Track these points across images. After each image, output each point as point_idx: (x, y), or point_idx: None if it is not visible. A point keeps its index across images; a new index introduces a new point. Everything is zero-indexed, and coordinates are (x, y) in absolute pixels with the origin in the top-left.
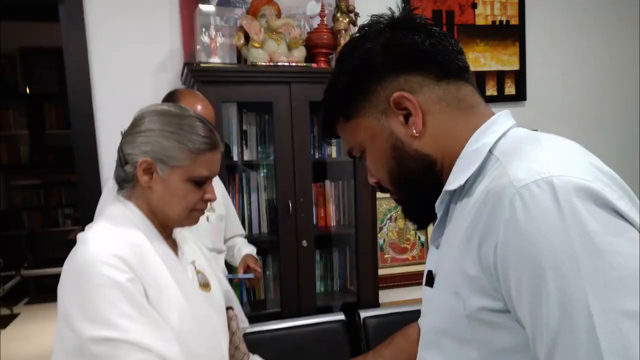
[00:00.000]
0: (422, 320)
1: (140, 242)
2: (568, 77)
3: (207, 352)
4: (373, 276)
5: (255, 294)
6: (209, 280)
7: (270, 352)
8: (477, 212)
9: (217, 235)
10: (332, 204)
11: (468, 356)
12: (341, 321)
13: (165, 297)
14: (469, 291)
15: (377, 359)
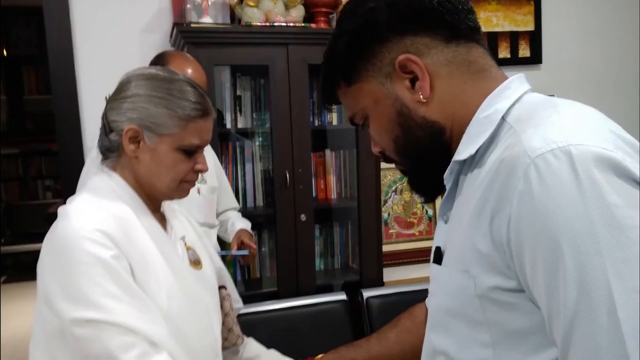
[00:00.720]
0: (430, 301)
1: (125, 215)
2: (587, 39)
3: (198, 334)
4: (377, 253)
5: (249, 272)
6: (200, 257)
7: (266, 335)
8: (488, 183)
9: (209, 208)
10: (333, 175)
11: (479, 339)
12: (342, 301)
13: (152, 275)
14: (480, 269)
15: (382, 341)
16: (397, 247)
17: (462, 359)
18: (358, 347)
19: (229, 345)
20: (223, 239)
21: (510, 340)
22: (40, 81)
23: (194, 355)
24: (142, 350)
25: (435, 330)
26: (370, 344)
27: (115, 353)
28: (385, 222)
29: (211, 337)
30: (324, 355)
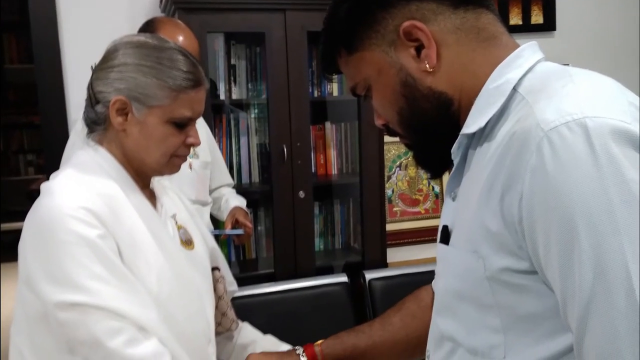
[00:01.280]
0: (437, 283)
1: (113, 192)
2: (603, 4)
3: (190, 319)
4: (380, 232)
5: (245, 252)
6: (192, 237)
7: (262, 319)
8: (499, 158)
9: (202, 185)
10: (334, 149)
11: (489, 323)
12: (343, 284)
13: (141, 256)
14: (490, 249)
15: (385, 326)
16: (402, 226)
17: (470, 345)
18: (360, 333)
19: (222, 330)
20: (216, 217)
21: (522, 325)
22: (22, 49)
23: (185, 340)
24: (130, 336)
25: (442, 315)
26: (373, 329)
27: (102, 339)
28: (389, 199)
29: (204, 322)
30: (324, 341)
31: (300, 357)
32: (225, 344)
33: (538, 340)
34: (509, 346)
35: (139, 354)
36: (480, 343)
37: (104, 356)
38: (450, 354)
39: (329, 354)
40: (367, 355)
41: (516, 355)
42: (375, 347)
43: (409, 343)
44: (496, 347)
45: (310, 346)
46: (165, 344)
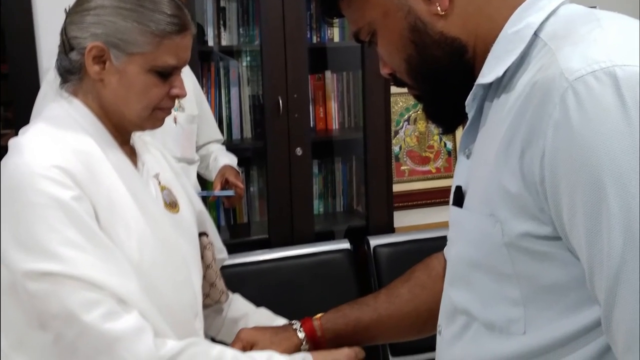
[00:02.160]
0: (449, 250)
1: (88, 149)
2: None
3: (175, 290)
4: (386, 194)
5: (235, 216)
6: (177, 199)
7: (255, 291)
8: (518, 111)
9: (188, 141)
10: (334, 101)
11: (507, 295)
12: (345, 251)
13: (121, 220)
14: (509, 212)
15: (392, 298)
16: (411, 186)
17: (487, 319)
18: (364, 306)
19: (211, 302)
20: (204, 177)
21: (544, 297)
22: None
23: (169, 314)
24: (108, 309)
25: (455, 286)
26: (379, 302)
27: (76, 312)
28: (397, 157)
29: (190, 293)
30: (324, 315)
31: (297, 332)
32: (213, 317)
33: (562, 313)
34: (530, 320)
35: (118, 328)
36: (498, 317)
37: (79, 332)
38: (464, 329)
39: (330, 328)
40: (372, 330)
41: (537, 330)
42: (381, 321)
43: (418, 317)
44: (515, 322)
45: (308, 320)
46: (147, 318)
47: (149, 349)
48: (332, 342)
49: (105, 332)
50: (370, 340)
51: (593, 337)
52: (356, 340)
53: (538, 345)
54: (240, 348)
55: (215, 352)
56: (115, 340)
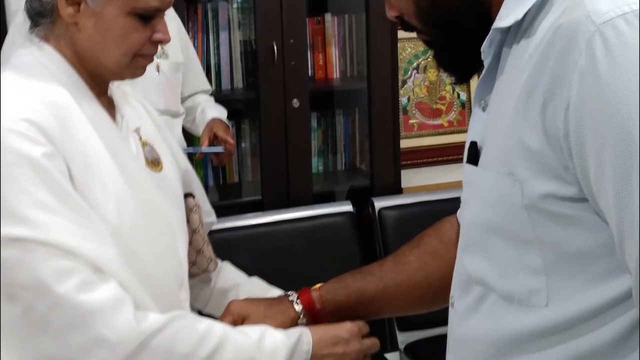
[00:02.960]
0: (463, 213)
1: (61, 101)
2: None
3: (158, 258)
4: (393, 150)
5: (225, 175)
6: (160, 156)
7: (247, 258)
8: (540, 58)
9: (172, 91)
10: (335, 47)
11: (528, 263)
12: (348, 214)
13: (97, 180)
14: (529, 171)
15: (399, 267)
16: (420, 142)
17: (505, 290)
18: (368, 275)
19: (197, 271)
20: (190, 131)
21: (568, 265)
22: None
23: (151, 284)
24: (83, 278)
25: (470, 252)
26: (385, 271)
27: (48, 282)
28: (404, 109)
29: (174, 261)
30: (323, 285)
31: (294, 304)
32: (201, 288)
33: (588, 283)
34: (553, 291)
35: (94, 300)
36: (517, 287)
37: (51, 304)
38: (479, 300)
39: (330, 300)
40: (377, 302)
41: (561, 302)
42: (387, 292)
43: (428, 287)
44: (537, 292)
45: (306, 291)
46: (126, 288)
47: (128, 322)
48: (332, 315)
49: (79, 305)
50: (375, 314)
51: (623, 310)
52: (359, 313)
53: (562, 319)
54: (230, 322)
55: (203, 327)
56: (91, 313)
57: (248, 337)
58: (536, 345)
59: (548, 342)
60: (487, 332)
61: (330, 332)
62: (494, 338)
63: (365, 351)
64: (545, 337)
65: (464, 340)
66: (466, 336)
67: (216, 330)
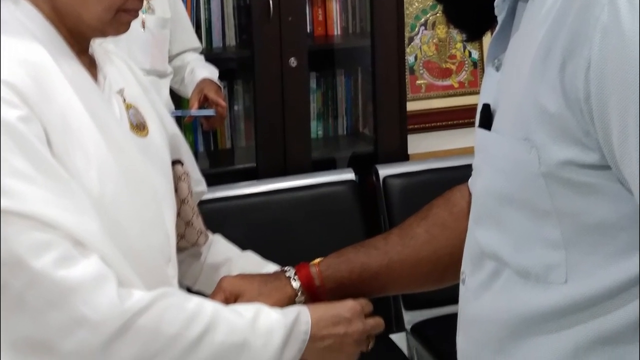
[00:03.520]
0: (475, 182)
1: (39, 60)
2: None
3: (143, 230)
4: (399, 113)
5: (217, 140)
6: (146, 120)
7: (240, 230)
8: (558, 14)
9: (158, 49)
10: (336, 1)
11: (545, 236)
12: (349, 182)
13: (77, 145)
14: (547, 136)
15: (406, 240)
16: (428, 104)
17: (520, 265)
18: (372, 249)
19: (186, 245)
20: (178, 92)
21: (589, 239)
22: None
23: (136, 259)
24: (62, 253)
25: (482, 224)
26: (390, 244)
27: (24, 257)
28: (411, 69)
29: (161, 234)
30: (323, 260)
31: (291, 280)
32: (190, 263)
33: (611, 258)
34: (572, 266)
35: (74, 276)
36: (534, 262)
37: (28, 280)
38: (493, 276)
39: (330, 276)
40: (381, 278)
41: (582, 278)
42: (392, 267)
43: (437, 262)
44: (555, 268)
45: (304, 266)
46: (109, 264)
47: (111, 301)
48: (333, 292)
49: (58, 281)
50: (380, 291)
51: None
52: (362, 290)
53: (582, 297)
54: (222, 300)
55: (192, 305)
56: (71, 290)
57: (241, 317)
58: (554, 326)
59: (567, 321)
60: (501, 311)
61: (330, 311)
62: (509, 317)
63: (368, 332)
64: (564, 317)
65: (476, 320)
66: (478, 315)
67: (206, 309)
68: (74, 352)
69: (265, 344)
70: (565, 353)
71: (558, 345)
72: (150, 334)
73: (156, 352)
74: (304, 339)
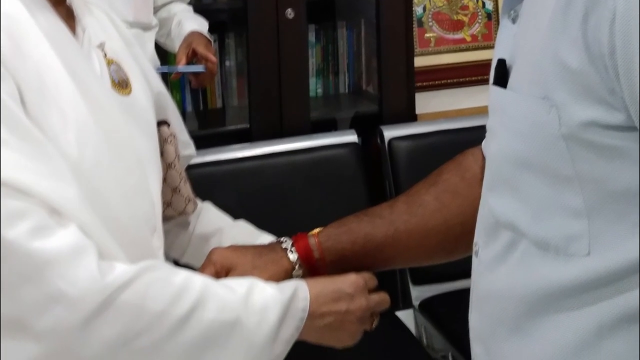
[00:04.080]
0: (489, 145)
1: (11, 11)
2: None
3: (126, 197)
4: (406, 70)
5: (207, 99)
6: (129, 77)
7: (232, 197)
8: None
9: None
10: None
11: (566, 203)
12: (352, 145)
13: (54, 105)
14: (568, 95)
15: (414, 208)
16: (438, 60)
17: (539, 235)
18: (376, 218)
19: (173, 213)
20: (164, 47)
21: (614, 207)
22: None
23: (118, 228)
24: (37, 222)
25: (497, 191)
26: (396, 213)
27: None
28: (419, 20)
29: (146, 202)
30: (323, 230)
31: (288, 252)
32: (177, 233)
33: (637, 228)
34: (595, 237)
35: (50, 248)
36: (554, 232)
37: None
38: (508, 248)
39: (331, 248)
40: (386, 250)
41: (605, 250)
42: (399, 238)
43: (447, 232)
44: (576, 239)
45: (302, 237)
46: (88, 234)
47: (90, 275)
48: (333, 265)
49: (33, 253)
50: (385, 264)
51: None
52: (365, 263)
53: (605, 270)
54: (212, 274)
55: (179, 280)
56: (47, 263)
57: (233, 292)
58: (575, 302)
59: (590, 297)
60: (518, 286)
61: (330, 285)
62: (526, 293)
63: (372, 308)
64: (586, 292)
65: (490, 296)
66: (493, 291)
67: (195, 283)
68: (50, 330)
69: (259, 322)
70: (587, 332)
71: (579, 324)
72: (133, 311)
73: (140, 330)
74: (301, 317)
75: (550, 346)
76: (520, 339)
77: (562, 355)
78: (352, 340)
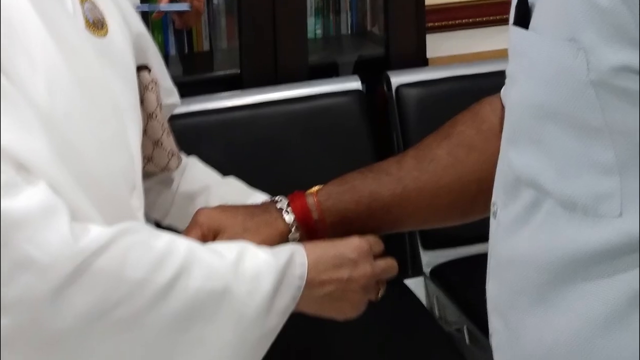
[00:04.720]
0: (509, 92)
1: None
2: None
3: (101, 151)
4: (415, 8)
5: (192, 41)
6: (105, 16)
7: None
8: None
9: None
10: None
11: (595, 158)
12: (355, 92)
13: (21, 49)
14: (598, 36)
15: (424, 164)
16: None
17: (565, 194)
18: (382, 174)
19: (154, 169)
20: None
21: None
22: None
23: (93, 186)
24: (4, 180)
25: (518, 145)
26: (404, 169)
27: None
28: None
29: (123, 156)
30: (323, 188)
31: (283, 213)
32: (159, 192)
33: None
34: (628, 196)
35: (16, 208)
36: (582, 191)
37: None
38: (531, 208)
39: (331, 208)
40: (394, 211)
41: None
42: (407, 196)
43: (462, 191)
44: (607, 198)
45: (299, 196)
46: (60, 192)
47: (62, 238)
48: (334, 228)
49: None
50: (392, 226)
51: None
52: (371, 225)
53: None
54: (199, 237)
55: (162, 244)
56: (13, 225)
57: (221, 258)
58: (605, 268)
59: (621, 263)
60: (541, 250)
61: (331, 250)
62: (550, 258)
63: (378, 275)
64: (617, 258)
65: (510, 262)
66: (513, 256)
67: (179, 248)
68: (18, 300)
69: (251, 291)
70: (618, 302)
71: (610, 293)
72: (110, 279)
73: (117, 300)
74: (298, 285)
75: (576, 318)
76: (543, 311)
77: (590, 328)
78: (356, 311)
